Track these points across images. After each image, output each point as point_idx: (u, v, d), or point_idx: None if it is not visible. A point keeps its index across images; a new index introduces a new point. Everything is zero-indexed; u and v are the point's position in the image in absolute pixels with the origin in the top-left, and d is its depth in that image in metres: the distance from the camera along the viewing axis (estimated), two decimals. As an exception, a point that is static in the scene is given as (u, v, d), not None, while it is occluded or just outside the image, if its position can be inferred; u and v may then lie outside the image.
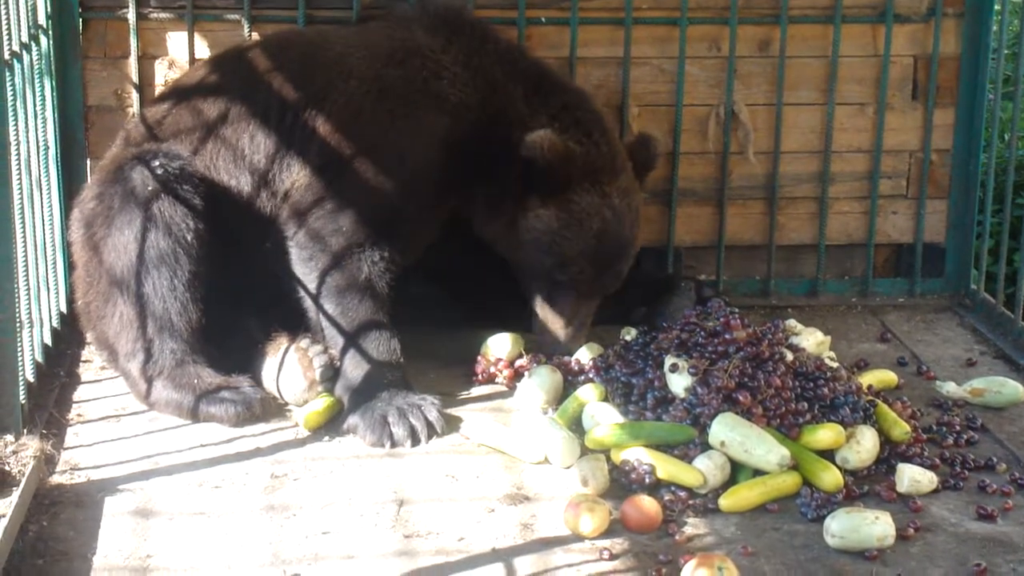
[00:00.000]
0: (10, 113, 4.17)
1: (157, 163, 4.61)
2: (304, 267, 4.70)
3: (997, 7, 5.57)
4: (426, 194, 4.76)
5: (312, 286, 4.70)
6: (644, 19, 5.51)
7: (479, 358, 4.92)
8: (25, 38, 4.63)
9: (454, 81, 4.80)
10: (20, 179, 4.30)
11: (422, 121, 4.75)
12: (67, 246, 4.94)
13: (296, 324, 4.74)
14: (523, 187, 4.72)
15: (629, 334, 4.85)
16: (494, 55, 4.91)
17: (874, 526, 3.88)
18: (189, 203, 4.60)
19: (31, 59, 4.73)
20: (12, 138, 4.18)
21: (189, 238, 4.57)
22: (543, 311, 4.89)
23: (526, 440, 4.36)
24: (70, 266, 4.96)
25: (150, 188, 4.57)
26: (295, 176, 4.73)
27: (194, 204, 4.61)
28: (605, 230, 4.77)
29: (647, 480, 4.15)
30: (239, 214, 4.75)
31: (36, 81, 4.81)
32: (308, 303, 4.72)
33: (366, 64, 4.81)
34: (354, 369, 4.61)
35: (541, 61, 5.09)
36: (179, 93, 4.94)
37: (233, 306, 4.78)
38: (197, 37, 5.35)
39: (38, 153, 4.81)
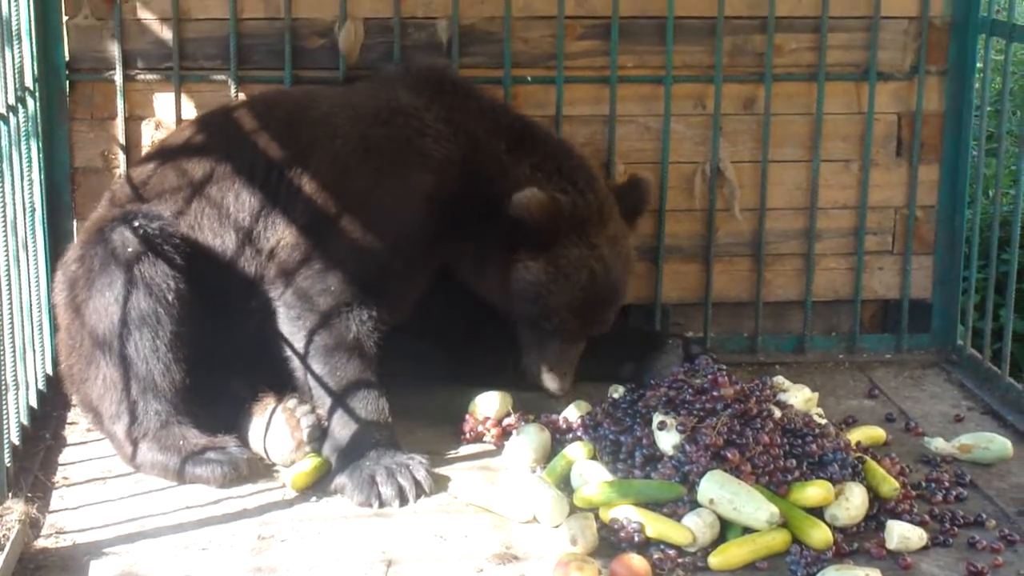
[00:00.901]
0: (-4, 175, 4.18)
1: (138, 223, 4.60)
2: (291, 326, 4.69)
3: (979, 64, 5.61)
4: (413, 251, 4.76)
5: (299, 346, 4.69)
6: (629, 78, 5.54)
7: (467, 417, 4.91)
8: (12, 100, 4.64)
9: (437, 138, 4.80)
10: (6, 240, 4.30)
11: (407, 179, 4.76)
12: (52, 307, 4.92)
13: (283, 384, 4.73)
14: (512, 240, 4.73)
15: (617, 392, 4.84)
16: (476, 111, 4.92)
17: (864, 583, 3.87)
18: (171, 263, 4.59)
19: (18, 121, 4.74)
20: (-2, 199, 4.19)
21: (171, 298, 4.56)
22: (529, 356, 4.88)
23: (514, 499, 4.35)
24: (55, 327, 4.95)
25: (130, 249, 4.56)
26: (280, 234, 4.73)
27: (176, 264, 4.60)
28: (592, 281, 4.76)
29: (636, 538, 4.13)
30: (224, 273, 4.75)
31: (23, 142, 4.81)
32: (295, 363, 4.71)
33: (351, 124, 4.82)
34: (342, 429, 4.59)
35: (525, 116, 5.10)
36: (164, 153, 4.95)
37: (219, 366, 4.76)
38: (184, 98, 5.37)
39: (24, 214, 4.80)
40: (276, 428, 4.62)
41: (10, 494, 4.21)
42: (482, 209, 4.73)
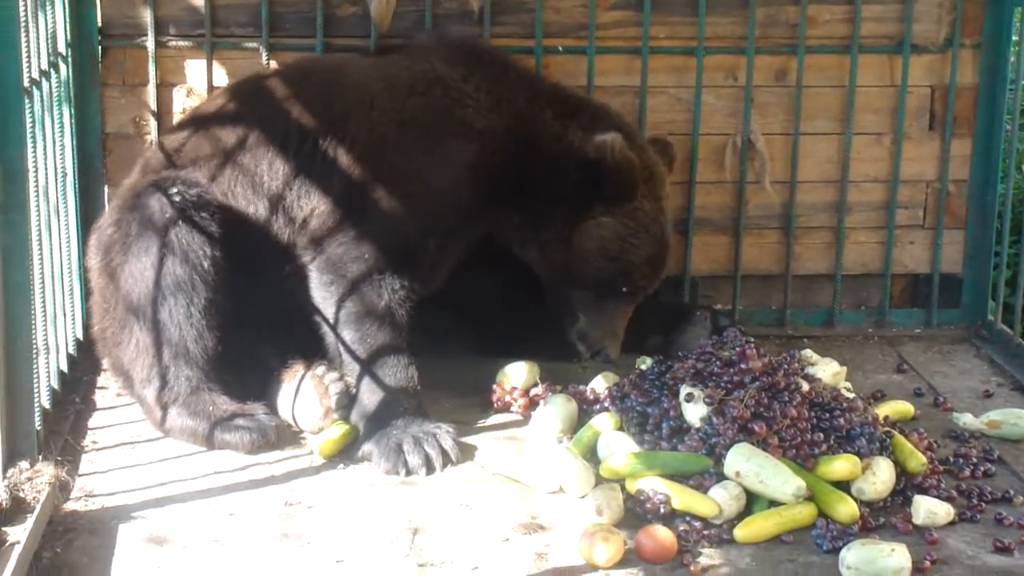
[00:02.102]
0: (29, 139, 4.19)
1: (175, 190, 4.61)
2: (323, 292, 4.70)
3: (1015, 38, 5.57)
4: (451, 222, 4.76)
5: (330, 312, 4.69)
6: (661, 48, 5.52)
7: (494, 387, 4.92)
8: (45, 65, 4.66)
9: (479, 108, 4.80)
10: (38, 205, 4.32)
11: (449, 149, 4.75)
12: (84, 272, 4.95)
13: (312, 351, 4.74)
14: (580, 200, 4.74)
15: (645, 363, 4.84)
16: (516, 82, 4.93)
17: (890, 558, 3.86)
18: (206, 230, 4.61)
19: (50, 86, 4.75)
20: (30, 164, 4.20)
21: (206, 265, 4.58)
22: (592, 322, 4.88)
23: (541, 469, 4.36)
24: (87, 292, 4.98)
25: (167, 215, 4.58)
26: (314, 203, 4.73)
27: (211, 231, 4.61)
28: (662, 235, 4.84)
29: (662, 510, 4.14)
30: (256, 241, 4.75)
31: (55, 108, 4.83)
32: (326, 329, 4.72)
33: (388, 94, 4.81)
34: (370, 396, 4.60)
35: (560, 84, 5.11)
36: (198, 121, 4.96)
37: (249, 333, 4.77)
38: (216, 65, 5.37)
39: (56, 180, 4.82)
40: (304, 395, 4.64)
41: (40, 457, 4.23)
42: (532, 177, 4.74)
